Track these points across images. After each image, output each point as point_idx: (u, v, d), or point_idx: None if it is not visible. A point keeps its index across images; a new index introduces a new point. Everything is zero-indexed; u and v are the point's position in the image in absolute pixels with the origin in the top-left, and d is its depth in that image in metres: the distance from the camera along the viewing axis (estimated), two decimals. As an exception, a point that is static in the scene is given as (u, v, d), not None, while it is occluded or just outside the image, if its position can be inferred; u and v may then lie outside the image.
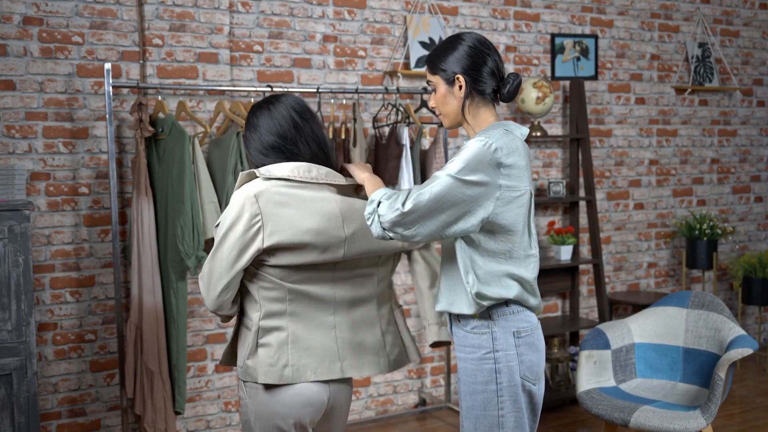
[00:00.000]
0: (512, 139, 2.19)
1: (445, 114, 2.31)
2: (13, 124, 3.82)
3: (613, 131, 5.45)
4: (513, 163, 2.16)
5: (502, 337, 2.22)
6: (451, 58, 2.26)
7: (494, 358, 2.22)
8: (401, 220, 2.09)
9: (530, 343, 2.25)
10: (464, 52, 2.25)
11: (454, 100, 2.27)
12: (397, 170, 4.33)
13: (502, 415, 2.22)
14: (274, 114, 2.29)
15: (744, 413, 4.62)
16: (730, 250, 5.96)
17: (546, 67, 5.18)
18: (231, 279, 2.21)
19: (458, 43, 2.27)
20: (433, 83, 2.30)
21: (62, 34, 3.89)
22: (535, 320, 2.29)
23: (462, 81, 2.25)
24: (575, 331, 5.03)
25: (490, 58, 2.26)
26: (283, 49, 4.40)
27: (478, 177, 2.11)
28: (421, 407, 4.80)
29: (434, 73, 2.29)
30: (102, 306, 4.02)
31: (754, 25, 5.99)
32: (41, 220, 3.89)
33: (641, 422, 3.29)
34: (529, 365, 2.25)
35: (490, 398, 2.22)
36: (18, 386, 3.30)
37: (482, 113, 2.28)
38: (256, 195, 2.18)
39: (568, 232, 4.98)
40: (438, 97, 2.30)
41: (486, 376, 2.22)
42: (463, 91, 2.25)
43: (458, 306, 2.24)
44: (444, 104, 2.29)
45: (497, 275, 2.19)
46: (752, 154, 6.07)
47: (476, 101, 2.27)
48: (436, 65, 2.28)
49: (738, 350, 3.31)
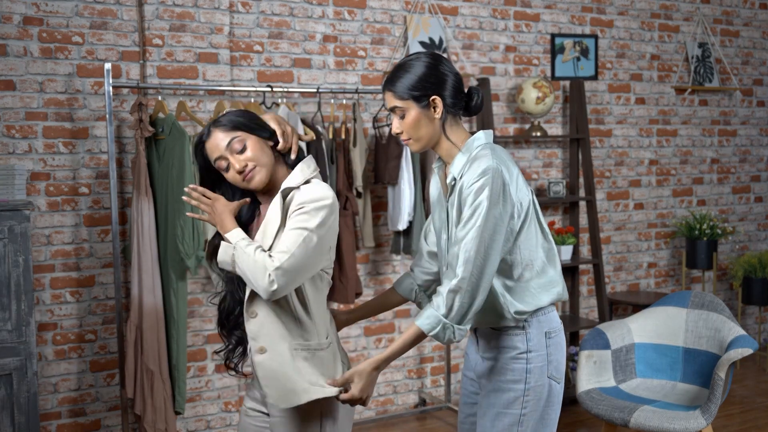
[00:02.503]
0: (497, 151, 2.18)
1: (417, 138, 2.21)
2: (13, 124, 3.82)
3: (613, 131, 5.45)
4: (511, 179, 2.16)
5: (536, 338, 2.24)
6: (419, 81, 2.17)
7: (527, 358, 2.23)
8: (471, 304, 2.10)
9: (558, 343, 2.29)
10: (431, 73, 2.18)
11: (430, 123, 2.20)
12: (397, 170, 4.33)
13: (524, 414, 2.23)
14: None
15: (744, 413, 4.62)
16: (730, 250, 5.96)
17: (546, 67, 5.18)
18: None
19: (422, 64, 2.19)
20: (402, 108, 2.20)
21: (62, 34, 3.89)
22: (560, 321, 2.33)
23: (439, 102, 2.18)
24: (575, 331, 5.04)
25: (458, 77, 2.22)
26: (283, 49, 4.40)
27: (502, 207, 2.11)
28: (421, 407, 4.80)
29: (403, 98, 2.18)
30: (102, 306, 4.02)
31: (754, 25, 5.99)
32: (41, 220, 3.89)
33: (641, 422, 3.29)
34: (556, 365, 2.27)
35: (516, 397, 2.24)
36: (18, 386, 3.30)
37: (456, 131, 2.24)
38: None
39: (568, 232, 4.98)
40: (409, 122, 2.19)
41: (517, 375, 2.24)
42: (439, 112, 2.19)
43: (497, 322, 2.25)
44: (417, 128, 2.20)
45: (529, 290, 2.22)
46: (752, 154, 6.07)
47: (450, 120, 2.23)
48: (404, 90, 2.17)
49: (738, 350, 3.31)
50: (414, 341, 2.19)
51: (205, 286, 4.18)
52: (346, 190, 4.24)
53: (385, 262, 4.70)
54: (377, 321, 4.69)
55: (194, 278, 4.14)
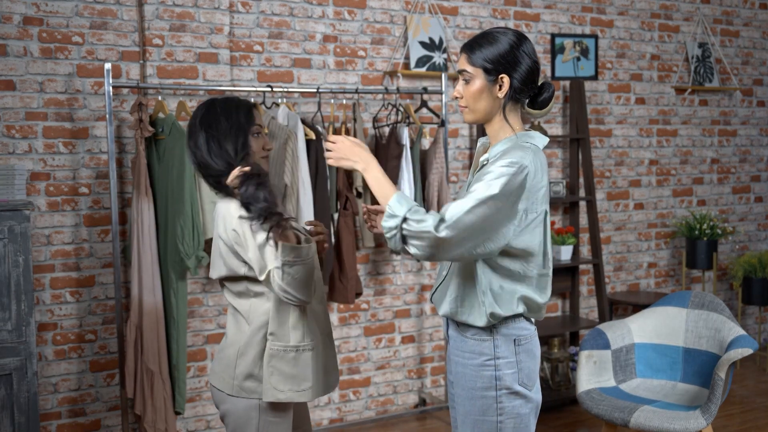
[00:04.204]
0: (541, 159, 2.14)
1: (473, 109, 2.19)
2: (13, 124, 3.82)
3: (613, 131, 5.45)
4: (535, 185, 2.11)
5: (503, 345, 2.21)
6: (499, 55, 2.14)
7: (495, 365, 2.20)
8: (432, 245, 2.01)
9: (528, 350, 2.24)
10: (511, 52, 2.14)
11: (490, 98, 2.17)
12: (397, 170, 4.32)
13: (500, 421, 2.21)
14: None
15: (744, 413, 4.62)
16: (730, 250, 5.96)
17: (546, 67, 5.18)
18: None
19: (506, 41, 2.15)
20: (470, 74, 2.17)
21: (62, 34, 3.89)
22: (533, 327, 2.28)
23: (506, 83, 2.15)
24: (575, 331, 5.03)
25: (536, 65, 2.18)
26: (283, 49, 4.39)
27: (510, 203, 2.06)
28: (421, 407, 4.80)
29: (475, 65, 2.15)
30: (102, 306, 4.02)
31: (754, 25, 5.99)
32: (41, 220, 3.89)
33: (641, 422, 3.29)
34: (527, 372, 2.24)
35: (489, 404, 2.21)
36: (18, 386, 3.29)
37: (513, 118, 2.20)
38: None
39: (568, 232, 4.98)
40: (472, 90, 2.17)
41: (486, 382, 2.21)
42: (503, 92, 2.16)
43: (467, 317, 2.21)
44: (477, 100, 2.17)
45: (512, 296, 2.18)
46: (752, 154, 6.06)
47: (509, 105, 2.19)
48: (478, 58, 2.15)
49: (738, 350, 3.31)
50: (383, 197, 2.09)
51: (205, 286, 4.18)
52: (346, 190, 4.24)
53: (385, 262, 4.70)
54: (377, 321, 4.69)
55: (194, 278, 4.14)
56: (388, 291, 4.72)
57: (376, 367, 4.70)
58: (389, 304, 4.72)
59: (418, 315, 4.81)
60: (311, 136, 4.10)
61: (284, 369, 2.26)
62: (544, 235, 2.20)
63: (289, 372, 2.27)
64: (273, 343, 2.27)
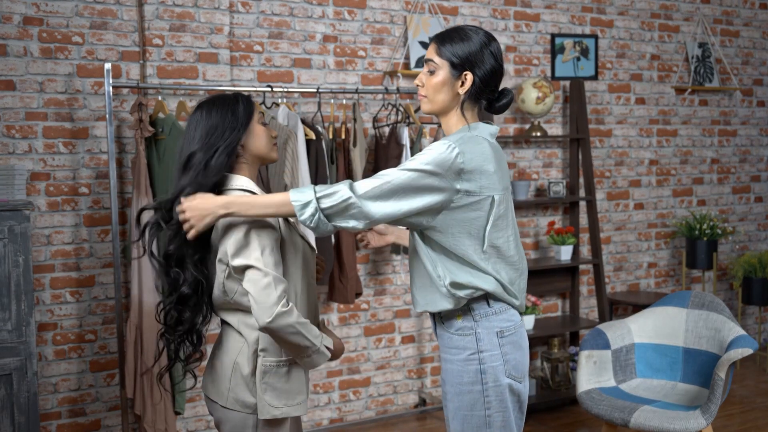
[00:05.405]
0: (484, 147, 2.16)
1: (432, 100, 2.22)
2: (13, 124, 3.82)
3: (613, 131, 5.45)
4: (475, 168, 2.12)
5: (486, 338, 2.21)
6: (468, 53, 2.18)
7: (479, 359, 2.21)
8: (357, 204, 2.05)
9: (514, 342, 2.24)
10: (479, 51, 2.18)
11: (451, 92, 2.21)
12: (397, 170, 4.32)
13: (489, 415, 2.22)
14: None
15: (744, 413, 4.62)
16: (730, 250, 5.96)
17: (546, 67, 5.18)
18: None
19: (480, 41, 2.19)
20: (435, 65, 2.20)
21: (62, 34, 3.89)
22: (518, 318, 2.28)
23: (469, 80, 2.18)
24: (575, 331, 5.03)
25: (500, 69, 2.21)
26: (283, 49, 4.40)
27: (436, 179, 2.08)
28: (421, 407, 4.80)
29: (442, 57, 2.19)
30: (102, 306, 4.02)
31: (754, 25, 5.99)
32: (41, 220, 3.89)
33: (641, 422, 3.29)
34: (515, 364, 2.24)
35: (476, 398, 2.22)
36: (18, 386, 3.29)
37: (470, 116, 2.24)
38: None
39: (568, 232, 4.98)
40: (434, 81, 2.20)
41: (472, 376, 2.21)
42: (465, 89, 2.19)
43: (436, 303, 2.22)
44: (437, 91, 2.20)
45: (460, 269, 2.18)
46: (752, 154, 6.07)
47: (468, 103, 2.22)
48: (449, 51, 2.18)
49: (738, 350, 3.31)
50: (276, 206, 2.10)
51: (205, 286, 4.18)
52: (346, 190, 4.23)
53: (385, 262, 4.70)
54: (377, 321, 4.69)
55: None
56: (388, 291, 4.72)
57: (376, 367, 4.70)
58: (389, 304, 4.72)
59: (418, 315, 4.81)
60: (311, 136, 4.10)
61: (277, 385, 2.23)
62: (487, 220, 2.17)
63: (282, 387, 2.24)
64: (265, 359, 2.23)
